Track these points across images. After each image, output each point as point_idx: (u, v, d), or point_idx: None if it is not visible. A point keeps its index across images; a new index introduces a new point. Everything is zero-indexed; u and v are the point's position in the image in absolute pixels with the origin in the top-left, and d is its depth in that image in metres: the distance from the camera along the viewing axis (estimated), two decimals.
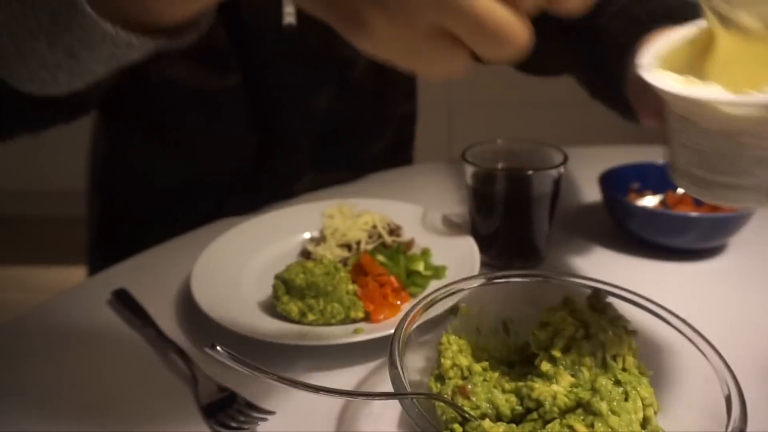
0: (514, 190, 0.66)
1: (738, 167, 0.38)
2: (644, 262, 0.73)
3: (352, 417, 0.50)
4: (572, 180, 0.76)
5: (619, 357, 0.43)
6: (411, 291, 0.64)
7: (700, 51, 0.39)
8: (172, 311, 0.65)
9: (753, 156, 0.37)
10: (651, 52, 0.42)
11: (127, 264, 0.75)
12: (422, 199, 0.85)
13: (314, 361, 0.57)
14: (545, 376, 0.43)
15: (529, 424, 0.41)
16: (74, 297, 0.69)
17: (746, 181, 0.38)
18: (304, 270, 0.59)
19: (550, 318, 0.46)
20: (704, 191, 0.41)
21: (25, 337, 0.62)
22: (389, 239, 0.71)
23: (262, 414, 0.49)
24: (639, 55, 0.42)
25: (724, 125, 0.37)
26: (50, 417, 0.51)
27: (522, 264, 0.70)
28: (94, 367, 0.57)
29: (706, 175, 0.40)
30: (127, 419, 0.51)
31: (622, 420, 0.38)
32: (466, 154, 0.69)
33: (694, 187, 0.42)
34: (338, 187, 0.95)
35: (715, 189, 0.40)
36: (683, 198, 0.79)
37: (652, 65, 0.40)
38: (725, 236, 0.73)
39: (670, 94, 0.37)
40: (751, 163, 0.37)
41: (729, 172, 0.39)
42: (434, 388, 0.46)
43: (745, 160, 0.37)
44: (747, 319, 0.62)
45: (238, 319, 0.58)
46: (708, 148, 0.39)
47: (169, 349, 0.58)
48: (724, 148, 0.38)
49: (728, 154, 0.38)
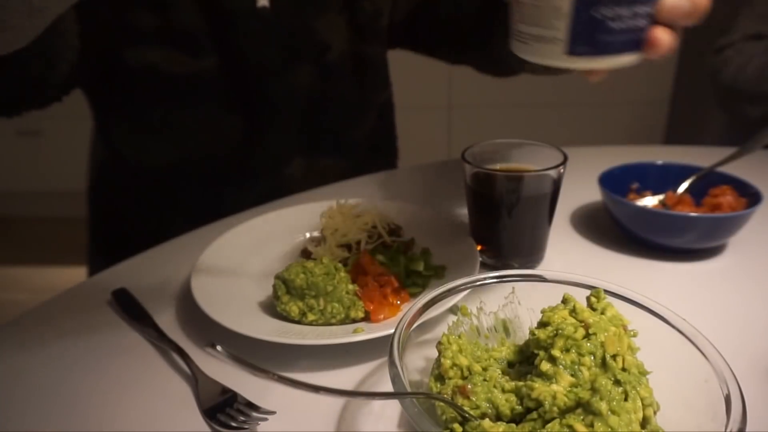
0: (513, 190, 0.66)
1: (544, 18, 0.45)
2: (644, 262, 0.73)
3: (352, 417, 0.50)
4: (572, 180, 0.76)
5: (618, 357, 0.43)
6: (411, 291, 0.64)
7: None
8: (172, 311, 0.65)
9: (553, 6, 0.44)
10: None
11: (127, 264, 0.75)
12: (422, 199, 0.85)
13: (314, 361, 0.57)
14: (545, 375, 0.43)
15: (529, 424, 0.41)
16: (74, 297, 0.69)
17: (548, 33, 0.45)
18: (304, 270, 0.59)
19: (550, 318, 0.46)
20: (523, 46, 0.48)
21: (25, 337, 0.62)
22: (389, 239, 0.71)
23: (262, 414, 0.49)
24: None
25: None
26: (50, 417, 0.51)
27: (522, 264, 0.70)
28: (94, 367, 0.57)
29: (524, 29, 0.47)
30: (127, 419, 0.51)
31: (621, 420, 0.38)
32: (466, 155, 0.69)
33: (517, 43, 0.49)
34: (338, 186, 0.95)
35: (530, 42, 0.47)
36: (683, 198, 0.79)
37: None
38: (725, 236, 0.73)
39: None
40: (551, 12, 0.44)
41: (538, 24, 0.46)
42: (434, 388, 0.46)
43: (548, 11, 0.44)
44: (747, 319, 0.62)
45: (238, 319, 0.58)
46: (528, 1, 0.46)
47: (169, 348, 0.58)
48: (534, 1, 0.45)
49: (539, 5, 0.45)
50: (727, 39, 1.25)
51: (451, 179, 0.92)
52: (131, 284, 0.69)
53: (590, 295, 0.48)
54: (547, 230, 0.71)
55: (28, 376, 0.56)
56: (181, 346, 0.57)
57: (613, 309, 0.47)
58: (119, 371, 0.57)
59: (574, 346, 0.43)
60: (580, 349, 0.43)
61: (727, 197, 0.75)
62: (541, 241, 0.71)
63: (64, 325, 0.63)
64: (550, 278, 0.52)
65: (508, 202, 0.66)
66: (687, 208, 0.77)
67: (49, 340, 0.61)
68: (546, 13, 0.44)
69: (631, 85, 2.33)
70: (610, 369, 0.41)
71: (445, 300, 0.51)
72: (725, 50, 1.24)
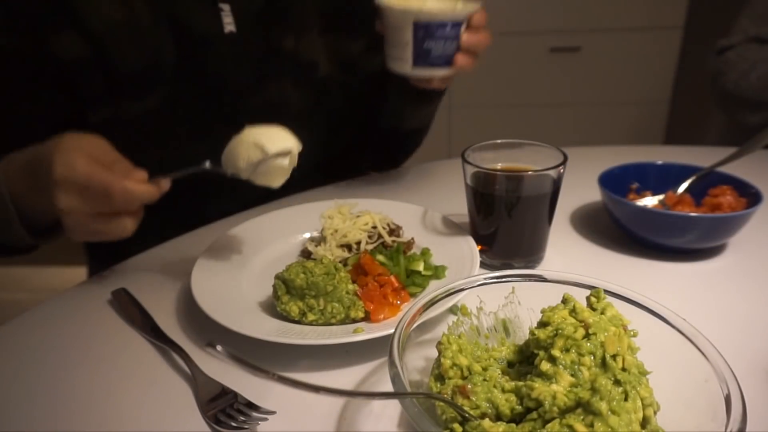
0: (513, 190, 0.66)
1: (399, 46, 0.75)
2: (644, 262, 0.73)
3: (352, 417, 0.50)
4: (572, 180, 0.76)
5: (618, 357, 0.43)
6: (411, 291, 0.64)
7: None
8: (172, 311, 0.65)
9: (402, 40, 0.74)
10: None
11: (127, 264, 0.75)
12: (422, 199, 0.85)
13: (314, 361, 0.57)
14: (545, 375, 0.43)
15: (529, 424, 0.41)
16: (74, 297, 0.69)
17: (402, 54, 0.75)
18: (304, 270, 0.59)
19: (550, 318, 0.46)
20: (391, 63, 0.78)
21: (25, 337, 0.62)
22: (389, 239, 0.71)
23: (262, 414, 0.49)
24: None
25: (395, 22, 0.74)
26: (50, 417, 0.51)
27: (522, 264, 0.70)
28: (94, 366, 0.57)
29: (391, 52, 0.77)
30: (127, 418, 0.51)
31: (621, 420, 0.38)
32: (466, 154, 0.69)
33: (389, 61, 0.78)
34: (338, 186, 0.95)
35: (394, 61, 0.77)
36: (683, 198, 0.79)
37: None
38: (725, 236, 0.73)
39: (383, 6, 0.74)
40: (402, 43, 0.75)
41: (397, 49, 0.76)
42: (434, 388, 0.46)
43: (400, 42, 0.74)
44: (747, 318, 0.62)
45: (238, 319, 0.58)
46: (392, 36, 0.76)
47: (169, 348, 0.58)
48: (395, 36, 0.75)
49: (396, 39, 0.75)
50: (728, 40, 1.25)
51: (451, 179, 0.92)
52: (131, 284, 0.69)
53: (590, 295, 0.48)
54: (547, 230, 0.71)
55: (28, 376, 0.56)
56: (181, 345, 0.57)
57: (613, 309, 0.47)
58: (119, 371, 0.57)
59: (574, 346, 0.43)
60: (580, 349, 0.43)
61: (727, 197, 0.75)
62: (541, 240, 0.71)
63: (64, 325, 0.63)
64: (550, 278, 0.52)
65: (508, 202, 0.66)
66: (687, 208, 0.77)
67: (49, 340, 0.61)
68: (401, 44, 0.75)
69: (632, 85, 2.33)
70: (610, 369, 0.41)
71: (445, 300, 0.51)
72: (726, 52, 1.23)
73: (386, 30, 0.77)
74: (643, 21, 2.22)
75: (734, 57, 1.21)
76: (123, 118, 0.81)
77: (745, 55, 1.19)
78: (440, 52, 0.74)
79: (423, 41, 0.73)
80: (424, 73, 0.76)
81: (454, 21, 0.73)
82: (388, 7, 0.74)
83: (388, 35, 0.77)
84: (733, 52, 1.22)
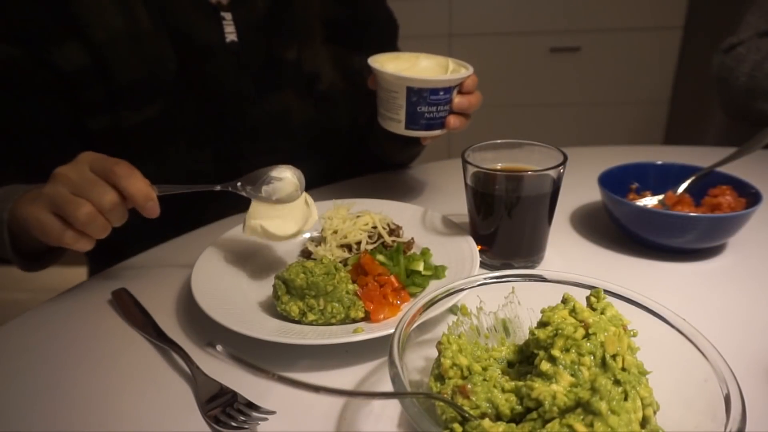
0: (513, 190, 0.66)
1: (392, 108, 0.76)
2: (644, 262, 0.73)
3: (352, 417, 0.50)
4: (572, 180, 0.76)
5: (618, 356, 0.43)
6: (411, 291, 0.64)
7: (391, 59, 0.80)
8: (172, 311, 0.65)
9: (395, 103, 0.75)
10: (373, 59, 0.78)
11: (127, 264, 0.75)
12: (422, 199, 0.85)
13: (314, 361, 0.57)
14: (545, 375, 0.43)
15: (529, 424, 0.41)
16: (74, 297, 0.69)
17: (396, 116, 0.76)
18: (304, 270, 0.59)
19: (550, 318, 0.46)
20: (384, 122, 0.78)
21: (25, 337, 0.62)
22: (389, 239, 0.71)
23: (262, 414, 0.49)
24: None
25: (389, 86, 0.74)
26: (50, 417, 0.51)
27: (522, 264, 0.70)
28: (94, 366, 0.57)
29: (383, 112, 0.78)
30: (127, 418, 0.51)
31: (621, 419, 0.38)
32: (466, 155, 0.69)
33: (381, 119, 0.79)
34: (338, 186, 0.95)
35: (387, 120, 0.78)
36: (683, 198, 0.79)
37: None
38: (724, 236, 0.73)
39: (376, 70, 0.74)
40: (395, 106, 0.75)
41: (390, 110, 0.76)
42: (434, 388, 0.46)
43: (393, 105, 0.75)
44: (746, 318, 0.62)
45: (238, 319, 0.58)
46: (384, 97, 0.76)
47: (169, 348, 0.58)
48: (388, 97, 0.76)
49: (389, 101, 0.76)
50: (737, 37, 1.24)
51: (451, 179, 0.92)
52: (131, 284, 0.69)
53: (590, 295, 0.48)
54: (547, 230, 0.71)
55: (28, 376, 0.56)
56: (181, 345, 0.58)
57: (613, 309, 0.47)
58: (119, 371, 0.57)
59: (573, 346, 0.43)
60: (580, 348, 0.43)
61: (726, 197, 0.75)
62: (541, 240, 0.71)
63: (64, 325, 0.64)
64: (550, 278, 0.52)
65: (508, 202, 0.66)
66: (687, 208, 0.77)
67: (49, 340, 0.61)
68: (394, 107, 0.75)
69: (631, 85, 2.33)
70: (610, 369, 0.41)
71: (445, 300, 0.51)
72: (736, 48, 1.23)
73: (379, 91, 0.77)
74: (643, 21, 2.22)
75: (745, 51, 1.21)
76: (124, 126, 0.81)
77: (759, 47, 1.19)
78: (433, 115, 0.75)
79: (416, 105, 0.74)
80: (416, 134, 0.76)
81: (447, 87, 0.73)
82: (381, 72, 0.73)
83: (380, 96, 0.77)
84: (743, 47, 1.22)
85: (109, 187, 0.59)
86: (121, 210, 0.61)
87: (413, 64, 0.80)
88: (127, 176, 0.59)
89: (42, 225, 0.60)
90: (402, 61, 0.80)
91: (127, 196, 0.60)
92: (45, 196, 0.60)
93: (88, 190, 0.59)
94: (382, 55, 0.78)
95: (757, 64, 1.18)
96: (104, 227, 0.60)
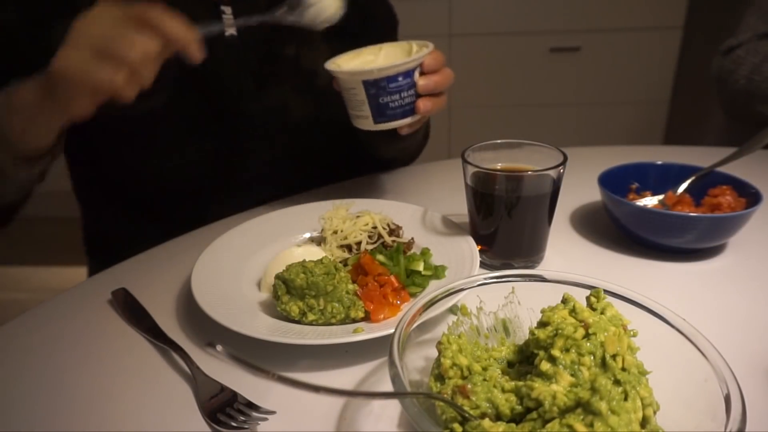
0: (513, 190, 0.66)
1: (356, 106, 0.74)
2: (644, 262, 0.73)
3: (352, 417, 0.50)
4: (572, 180, 0.76)
5: (618, 357, 0.43)
6: (411, 291, 0.64)
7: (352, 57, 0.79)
8: (172, 311, 0.65)
9: (357, 100, 0.73)
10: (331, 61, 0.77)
11: (127, 264, 0.75)
12: (422, 199, 0.85)
13: (314, 361, 0.57)
14: (545, 375, 0.43)
15: (529, 424, 0.41)
16: (74, 297, 0.69)
17: (362, 113, 0.74)
18: (304, 270, 0.59)
19: (549, 318, 0.46)
20: (355, 122, 0.77)
21: (25, 337, 0.62)
22: (389, 239, 0.71)
23: (262, 414, 0.49)
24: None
25: (346, 84, 0.73)
26: (50, 417, 0.51)
27: (522, 264, 0.70)
28: (94, 366, 0.57)
29: (351, 112, 0.76)
30: (127, 418, 0.51)
31: (621, 419, 0.38)
32: (466, 154, 0.69)
33: (353, 120, 0.77)
34: (338, 186, 0.95)
35: (357, 119, 0.76)
36: (682, 198, 0.79)
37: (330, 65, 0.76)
38: (724, 236, 0.73)
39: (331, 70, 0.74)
40: (358, 102, 0.74)
41: (355, 108, 0.75)
42: (434, 388, 0.46)
43: (356, 102, 0.74)
44: (747, 318, 0.62)
45: (238, 319, 0.58)
46: (347, 97, 0.75)
47: (169, 348, 0.58)
48: (349, 96, 0.74)
49: (351, 99, 0.74)
50: (736, 39, 1.24)
51: (451, 179, 0.92)
52: (131, 284, 0.69)
53: (590, 295, 0.48)
54: (547, 230, 0.71)
55: (28, 376, 0.56)
56: (181, 345, 0.58)
57: (613, 309, 0.47)
58: (119, 371, 0.57)
59: (573, 346, 0.43)
60: (580, 348, 0.43)
61: (726, 197, 0.75)
62: (541, 240, 0.71)
63: (64, 325, 0.64)
64: (550, 278, 0.52)
65: (508, 202, 0.66)
66: (687, 208, 0.77)
67: (49, 340, 0.61)
68: (357, 104, 0.74)
69: (631, 85, 2.33)
70: (610, 369, 0.41)
71: (445, 300, 0.51)
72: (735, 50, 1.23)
73: (342, 91, 0.76)
74: (643, 21, 2.23)
75: (744, 54, 1.21)
76: (122, 119, 0.81)
77: (757, 49, 1.19)
78: (398, 103, 0.72)
79: (377, 97, 0.71)
80: (389, 126, 0.74)
81: (404, 71, 0.71)
82: (336, 72, 0.73)
83: (344, 96, 0.76)
84: (742, 50, 1.21)
85: (148, 31, 0.54)
86: (157, 63, 0.57)
87: (377, 56, 0.78)
88: (166, 18, 0.54)
89: (86, 71, 0.53)
90: (364, 55, 0.79)
91: (170, 40, 0.55)
92: (82, 41, 0.54)
93: (131, 33, 0.53)
94: (343, 55, 0.78)
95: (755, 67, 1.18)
96: (152, 73, 0.56)
